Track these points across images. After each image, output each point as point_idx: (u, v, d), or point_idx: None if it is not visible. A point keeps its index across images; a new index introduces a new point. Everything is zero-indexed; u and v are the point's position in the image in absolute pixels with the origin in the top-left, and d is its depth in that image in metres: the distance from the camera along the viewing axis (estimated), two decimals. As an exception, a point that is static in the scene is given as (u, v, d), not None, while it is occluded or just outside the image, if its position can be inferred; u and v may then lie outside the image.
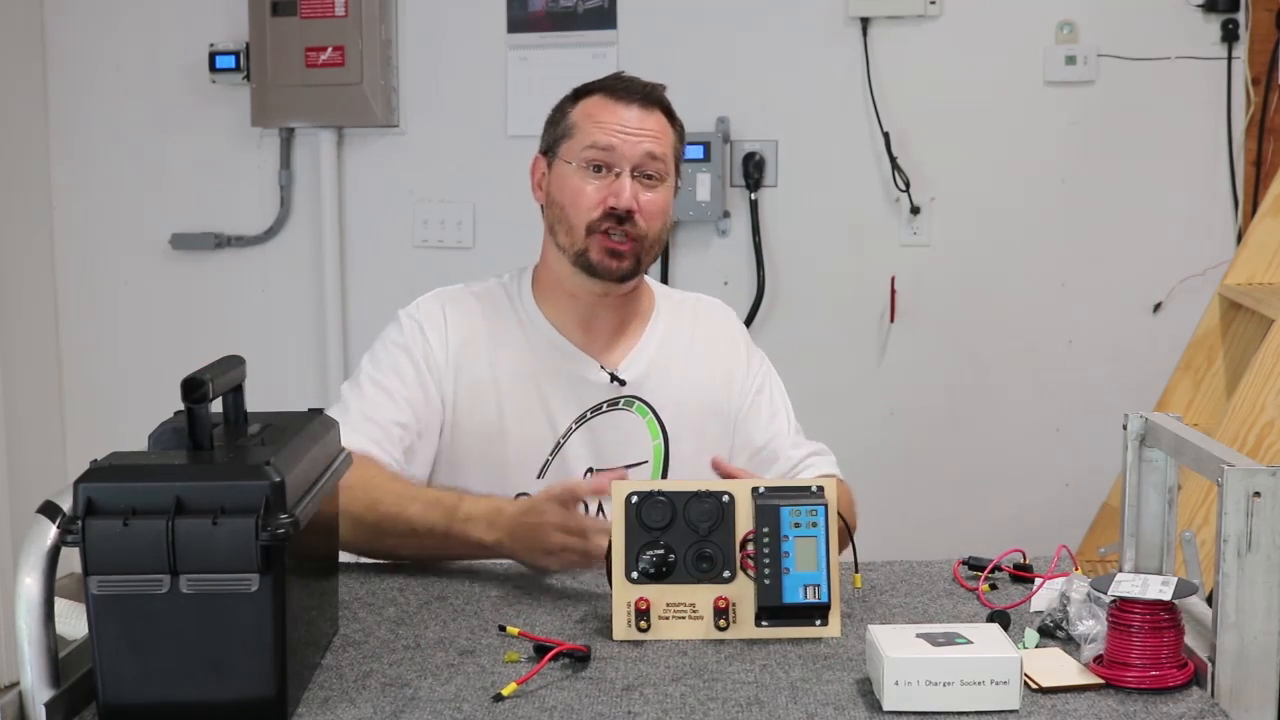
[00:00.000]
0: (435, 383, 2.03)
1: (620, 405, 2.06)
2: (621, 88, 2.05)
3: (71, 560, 1.33)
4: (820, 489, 1.62)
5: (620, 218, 1.98)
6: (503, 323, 2.08)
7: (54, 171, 3.87)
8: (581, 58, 3.62)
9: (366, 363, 2.06)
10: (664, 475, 2.06)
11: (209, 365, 1.43)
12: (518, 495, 2.00)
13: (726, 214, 3.65)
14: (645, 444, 2.06)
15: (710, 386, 2.11)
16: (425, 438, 2.02)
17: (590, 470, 2.04)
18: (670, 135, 2.05)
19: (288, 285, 3.85)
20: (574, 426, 2.04)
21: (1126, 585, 1.45)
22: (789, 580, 1.58)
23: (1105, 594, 1.46)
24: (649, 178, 2.01)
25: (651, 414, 2.07)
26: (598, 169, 2.00)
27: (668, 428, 2.07)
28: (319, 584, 1.55)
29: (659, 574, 1.60)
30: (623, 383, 2.05)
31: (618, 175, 1.99)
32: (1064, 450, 3.61)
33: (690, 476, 1.93)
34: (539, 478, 2.03)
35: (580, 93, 2.07)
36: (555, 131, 2.07)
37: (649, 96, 2.04)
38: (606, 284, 2.03)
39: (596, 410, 2.05)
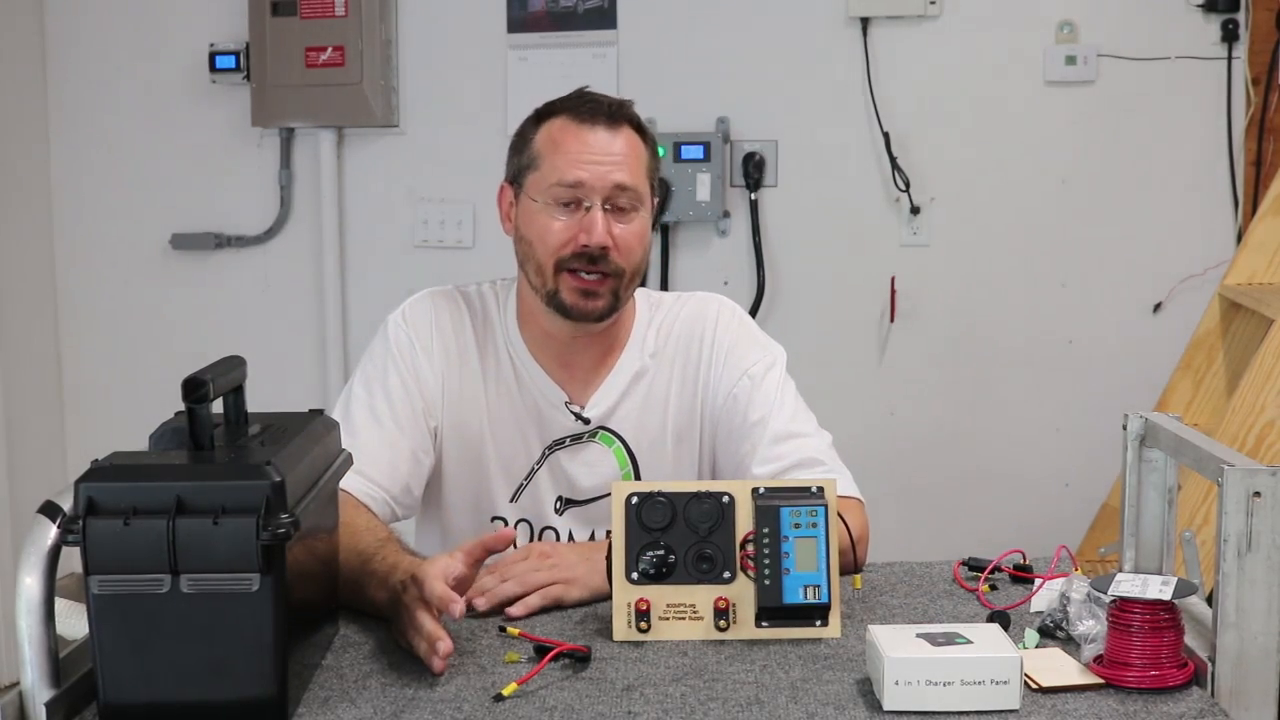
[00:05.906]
0: (424, 396, 1.96)
1: (584, 439, 1.99)
2: (586, 108, 1.90)
3: (72, 560, 1.33)
4: (820, 489, 1.62)
5: (593, 256, 1.87)
6: (490, 336, 2.00)
7: (54, 171, 3.87)
8: (581, 58, 3.62)
9: (359, 387, 1.96)
10: None
11: (210, 365, 1.43)
12: (493, 519, 1.99)
13: (726, 214, 3.65)
14: (613, 474, 1.98)
15: (686, 405, 2.00)
16: (420, 454, 1.95)
17: (560, 499, 1.99)
18: (642, 154, 1.92)
19: (288, 285, 3.85)
20: (547, 453, 1.99)
21: (1126, 585, 1.45)
22: (789, 581, 1.58)
23: (1105, 594, 1.46)
24: (621, 209, 1.89)
25: (619, 442, 1.99)
26: (566, 204, 1.88)
27: (637, 455, 1.99)
28: (319, 584, 1.55)
29: (659, 574, 1.60)
30: (587, 421, 1.98)
31: (588, 209, 1.87)
32: (1064, 450, 3.61)
33: None
34: (512, 501, 1.99)
35: (543, 114, 1.94)
36: (520, 160, 1.94)
37: (615, 115, 1.91)
38: (581, 324, 1.92)
39: (559, 444, 1.98)
